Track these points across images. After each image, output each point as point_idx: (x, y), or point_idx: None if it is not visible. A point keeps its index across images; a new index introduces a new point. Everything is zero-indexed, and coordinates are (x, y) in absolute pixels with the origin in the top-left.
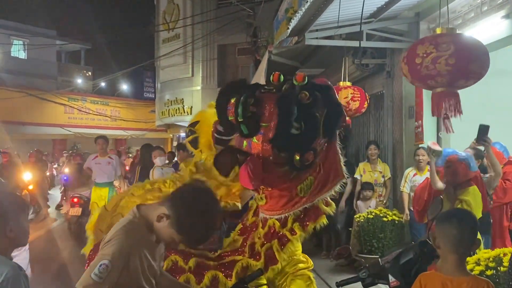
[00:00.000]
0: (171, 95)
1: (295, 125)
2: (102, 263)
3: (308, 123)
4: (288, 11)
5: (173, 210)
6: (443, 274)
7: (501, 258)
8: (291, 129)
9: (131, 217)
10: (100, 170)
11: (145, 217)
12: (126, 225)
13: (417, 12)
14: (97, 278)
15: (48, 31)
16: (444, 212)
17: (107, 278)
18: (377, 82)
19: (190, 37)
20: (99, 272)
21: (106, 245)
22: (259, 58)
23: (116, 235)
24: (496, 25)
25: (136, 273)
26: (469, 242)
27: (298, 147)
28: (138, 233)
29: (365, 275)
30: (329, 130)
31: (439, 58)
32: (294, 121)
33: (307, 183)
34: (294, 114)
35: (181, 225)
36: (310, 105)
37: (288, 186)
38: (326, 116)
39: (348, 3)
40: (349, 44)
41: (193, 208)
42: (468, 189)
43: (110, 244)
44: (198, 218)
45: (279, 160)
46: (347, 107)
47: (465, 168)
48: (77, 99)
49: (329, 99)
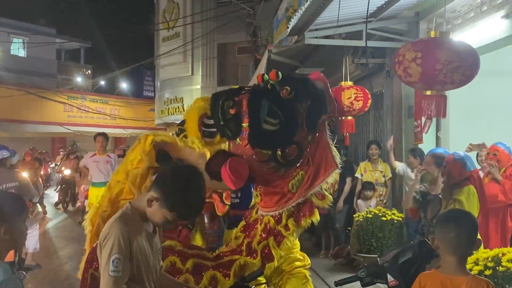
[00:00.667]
0: (170, 94)
1: (270, 121)
2: (114, 258)
3: (286, 117)
4: (288, 10)
5: (160, 190)
6: (442, 274)
7: (500, 258)
8: (261, 125)
9: (124, 209)
10: (97, 168)
11: (137, 208)
12: (120, 216)
13: (417, 12)
14: (116, 273)
15: (48, 29)
16: (443, 213)
17: (124, 270)
18: (376, 81)
19: (190, 36)
20: (115, 268)
21: (106, 241)
22: (259, 57)
23: (112, 228)
24: (496, 25)
25: (137, 264)
26: (468, 243)
27: (276, 142)
28: (133, 222)
29: (364, 275)
30: (311, 122)
31: (418, 62)
32: (270, 116)
33: (298, 178)
34: (264, 111)
35: (171, 201)
36: (292, 100)
37: (279, 183)
38: (309, 108)
39: (348, 2)
40: (349, 43)
41: (177, 182)
42: (462, 188)
43: (110, 238)
44: (185, 191)
45: (263, 158)
46: (351, 107)
47: (461, 167)
48: (76, 98)
49: (311, 90)
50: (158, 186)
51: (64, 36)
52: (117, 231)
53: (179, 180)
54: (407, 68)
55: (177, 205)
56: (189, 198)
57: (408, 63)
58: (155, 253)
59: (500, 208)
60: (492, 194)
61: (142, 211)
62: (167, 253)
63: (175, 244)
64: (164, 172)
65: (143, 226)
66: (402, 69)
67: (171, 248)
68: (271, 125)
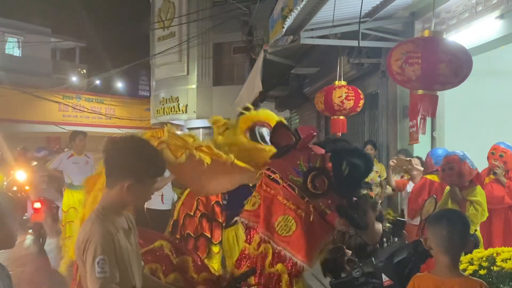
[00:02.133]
0: (166, 93)
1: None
2: (99, 259)
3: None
4: (283, 10)
5: (128, 174)
6: (435, 276)
7: (494, 257)
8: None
9: (95, 212)
10: (78, 170)
11: (109, 207)
12: (96, 217)
13: (412, 12)
14: (103, 274)
15: (43, 29)
16: (434, 213)
17: (111, 270)
18: (372, 81)
19: (185, 35)
20: (101, 269)
21: (88, 244)
22: (255, 57)
23: (93, 231)
24: (491, 25)
25: (123, 262)
26: (460, 242)
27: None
28: (110, 221)
29: (359, 274)
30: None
31: (410, 62)
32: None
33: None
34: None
35: (144, 172)
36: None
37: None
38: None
39: (343, 2)
40: (344, 43)
41: (123, 156)
42: (475, 188)
43: (92, 240)
44: (136, 159)
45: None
46: (341, 106)
47: (469, 167)
48: (71, 97)
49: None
50: (124, 172)
51: (59, 35)
52: (98, 232)
53: (124, 153)
54: (401, 68)
55: (141, 172)
56: (150, 157)
57: (402, 63)
58: (134, 249)
59: (503, 209)
60: (497, 195)
61: (116, 207)
62: (151, 257)
63: (165, 245)
64: (117, 158)
65: (119, 223)
66: (396, 70)
67: (158, 250)
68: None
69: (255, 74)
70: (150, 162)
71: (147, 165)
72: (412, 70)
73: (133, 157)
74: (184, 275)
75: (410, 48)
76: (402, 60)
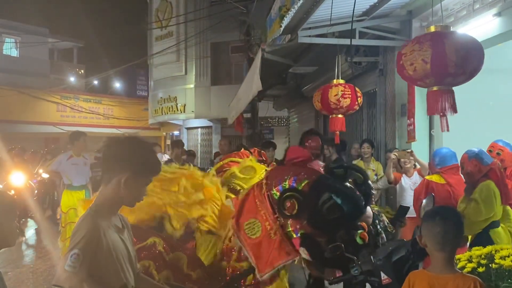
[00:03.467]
0: (164, 93)
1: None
2: (73, 253)
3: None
4: (281, 9)
5: (126, 167)
6: (430, 273)
7: (493, 255)
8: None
9: (89, 211)
10: (77, 171)
11: (102, 205)
12: (87, 212)
13: (409, 10)
14: (71, 268)
15: (41, 29)
16: (429, 210)
17: (81, 267)
18: (369, 80)
19: (183, 35)
20: (71, 263)
21: (75, 235)
22: (253, 56)
23: (82, 224)
24: (488, 23)
25: (115, 256)
26: (454, 239)
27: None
28: (102, 215)
29: (357, 272)
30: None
31: (424, 58)
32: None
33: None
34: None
35: (141, 167)
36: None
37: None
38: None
39: (341, 1)
40: (342, 42)
41: (122, 151)
42: (479, 185)
43: (79, 232)
44: (133, 154)
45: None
46: (338, 105)
47: (478, 164)
48: (69, 97)
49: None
50: (121, 166)
51: (57, 35)
52: (87, 227)
53: (123, 151)
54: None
55: (138, 169)
56: (146, 154)
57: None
58: (127, 248)
59: None
60: None
61: (110, 204)
62: (146, 253)
63: (159, 242)
64: (115, 153)
65: (112, 221)
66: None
67: (151, 247)
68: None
69: (253, 73)
70: (147, 159)
71: (144, 160)
72: (421, 67)
73: (131, 152)
74: (177, 271)
75: (417, 45)
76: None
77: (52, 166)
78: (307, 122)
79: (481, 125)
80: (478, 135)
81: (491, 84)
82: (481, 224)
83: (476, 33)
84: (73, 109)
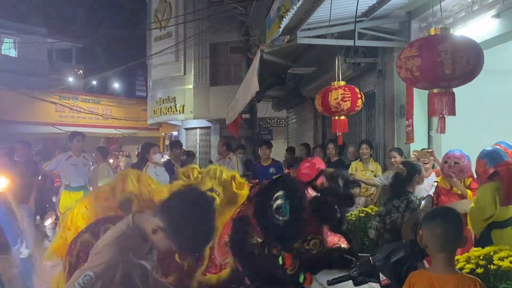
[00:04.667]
0: (163, 94)
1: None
2: (87, 274)
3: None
4: (280, 10)
5: (166, 221)
6: (431, 273)
7: (491, 256)
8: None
9: (124, 227)
10: (76, 172)
11: (139, 227)
12: (119, 236)
13: (408, 11)
14: (79, 287)
15: (39, 29)
16: (429, 211)
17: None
18: (368, 81)
19: (182, 36)
20: (82, 283)
21: (96, 256)
22: (251, 56)
23: (106, 247)
24: (487, 24)
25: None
26: (454, 239)
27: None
28: (131, 243)
29: (356, 274)
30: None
31: (415, 64)
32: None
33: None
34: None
35: (177, 235)
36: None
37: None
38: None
39: (340, 2)
40: (341, 43)
41: (185, 217)
42: (483, 186)
43: (100, 255)
44: (192, 227)
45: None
46: (338, 108)
47: (484, 165)
48: (68, 98)
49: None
50: (165, 216)
51: (55, 36)
52: (108, 255)
53: (189, 213)
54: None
55: (184, 240)
56: (197, 233)
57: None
58: (148, 271)
59: None
60: None
61: (143, 233)
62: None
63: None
64: (172, 200)
65: (141, 246)
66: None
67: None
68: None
69: (252, 74)
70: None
71: (194, 242)
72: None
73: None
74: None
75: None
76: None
77: (50, 166)
78: (306, 122)
79: (481, 126)
80: (477, 136)
81: (490, 85)
82: (482, 224)
83: (475, 35)
84: (72, 109)
